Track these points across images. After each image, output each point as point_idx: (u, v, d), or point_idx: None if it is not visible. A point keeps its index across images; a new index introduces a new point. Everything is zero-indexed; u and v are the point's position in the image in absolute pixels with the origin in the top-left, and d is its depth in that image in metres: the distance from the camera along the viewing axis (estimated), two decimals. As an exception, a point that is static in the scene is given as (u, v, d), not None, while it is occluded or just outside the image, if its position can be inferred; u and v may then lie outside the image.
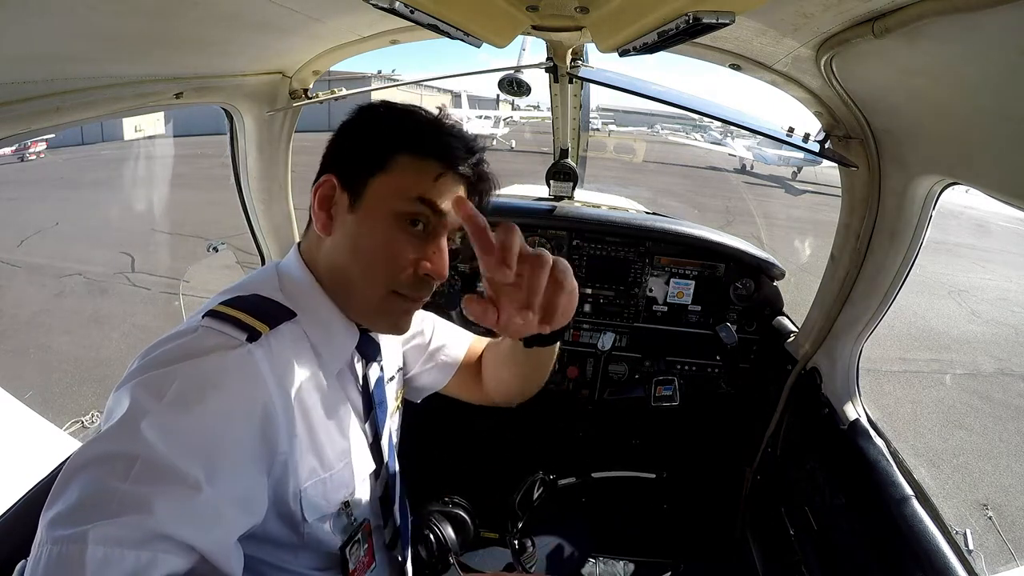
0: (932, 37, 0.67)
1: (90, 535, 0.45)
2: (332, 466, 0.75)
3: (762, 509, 1.69)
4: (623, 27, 0.80)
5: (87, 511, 0.47)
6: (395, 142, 0.73)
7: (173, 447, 0.52)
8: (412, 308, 0.79)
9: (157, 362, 0.60)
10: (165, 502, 0.49)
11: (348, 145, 0.77)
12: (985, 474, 4.27)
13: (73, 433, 3.28)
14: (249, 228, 1.61)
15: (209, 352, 0.61)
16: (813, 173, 19.23)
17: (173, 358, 0.60)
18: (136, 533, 0.47)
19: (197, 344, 0.62)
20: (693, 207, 13.14)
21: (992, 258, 11.31)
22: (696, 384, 1.88)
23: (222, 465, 0.56)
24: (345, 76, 12.31)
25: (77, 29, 0.71)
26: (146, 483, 0.50)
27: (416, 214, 0.73)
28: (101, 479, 0.50)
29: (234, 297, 0.71)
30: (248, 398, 0.61)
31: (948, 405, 5.25)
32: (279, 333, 0.69)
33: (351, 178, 0.74)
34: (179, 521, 0.50)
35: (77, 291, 6.43)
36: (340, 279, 0.76)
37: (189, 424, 0.55)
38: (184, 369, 0.58)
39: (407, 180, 0.72)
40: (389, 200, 0.72)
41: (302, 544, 0.74)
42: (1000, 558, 3.44)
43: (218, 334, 0.64)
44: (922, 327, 6.95)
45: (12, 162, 14.15)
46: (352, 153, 0.76)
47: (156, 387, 0.56)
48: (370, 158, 0.74)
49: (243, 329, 0.65)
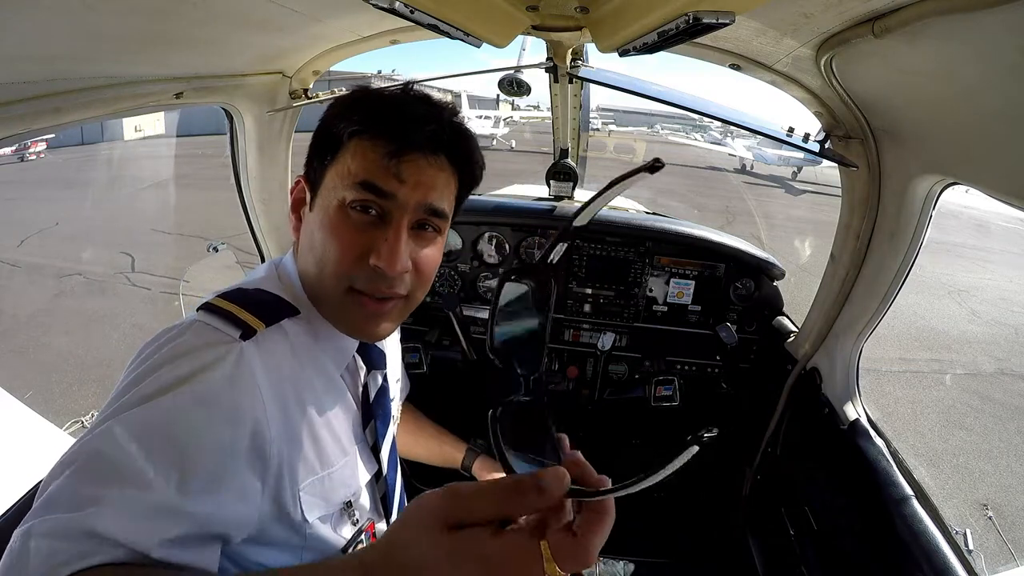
0: (932, 37, 0.67)
1: (32, 529, 0.46)
2: (331, 464, 0.73)
3: (762, 509, 1.69)
4: (623, 27, 0.81)
5: (40, 507, 0.48)
6: (345, 127, 0.68)
7: (138, 447, 0.51)
8: (379, 308, 0.70)
9: (147, 364, 0.58)
10: (110, 501, 0.48)
11: (313, 139, 0.73)
12: (985, 474, 4.27)
13: (73, 433, 3.27)
14: (249, 228, 1.62)
15: (197, 351, 0.59)
16: (813, 173, 19.23)
17: (162, 360, 0.58)
18: (67, 529, 0.46)
19: (188, 343, 0.60)
20: (693, 207, 13.14)
21: (992, 258, 11.31)
22: (696, 384, 1.88)
23: (196, 468, 0.53)
24: (345, 76, 12.30)
25: (77, 29, 0.71)
26: (100, 481, 0.49)
27: (362, 200, 0.66)
28: (58, 474, 0.50)
29: (233, 289, 0.69)
30: (234, 401, 0.59)
31: (948, 405, 5.25)
32: (277, 329, 0.67)
33: (312, 174, 0.71)
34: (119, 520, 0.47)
35: (77, 291, 6.43)
36: (310, 283, 0.72)
37: (161, 425, 0.53)
38: (169, 371, 0.57)
39: (352, 164, 0.66)
40: (336, 189, 0.67)
41: (305, 546, 0.72)
42: (1000, 558, 3.44)
43: (211, 331, 0.62)
44: (922, 327, 6.95)
45: (12, 162, 14.14)
46: (312, 148, 0.72)
47: (139, 388, 0.55)
48: (324, 148, 0.70)
49: (237, 325, 0.63)
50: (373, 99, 0.70)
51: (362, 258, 0.66)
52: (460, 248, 1.84)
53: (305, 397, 0.70)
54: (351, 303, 0.69)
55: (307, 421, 0.70)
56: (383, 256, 0.65)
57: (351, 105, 0.70)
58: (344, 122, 0.68)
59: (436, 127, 0.68)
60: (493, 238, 1.83)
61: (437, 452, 1.30)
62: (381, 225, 0.67)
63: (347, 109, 0.69)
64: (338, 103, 0.72)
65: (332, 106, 0.73)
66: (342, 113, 0.69)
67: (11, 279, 6.81)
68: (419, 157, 0.67)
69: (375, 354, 0.85)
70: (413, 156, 0.66)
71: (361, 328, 0.72)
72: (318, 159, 0.70)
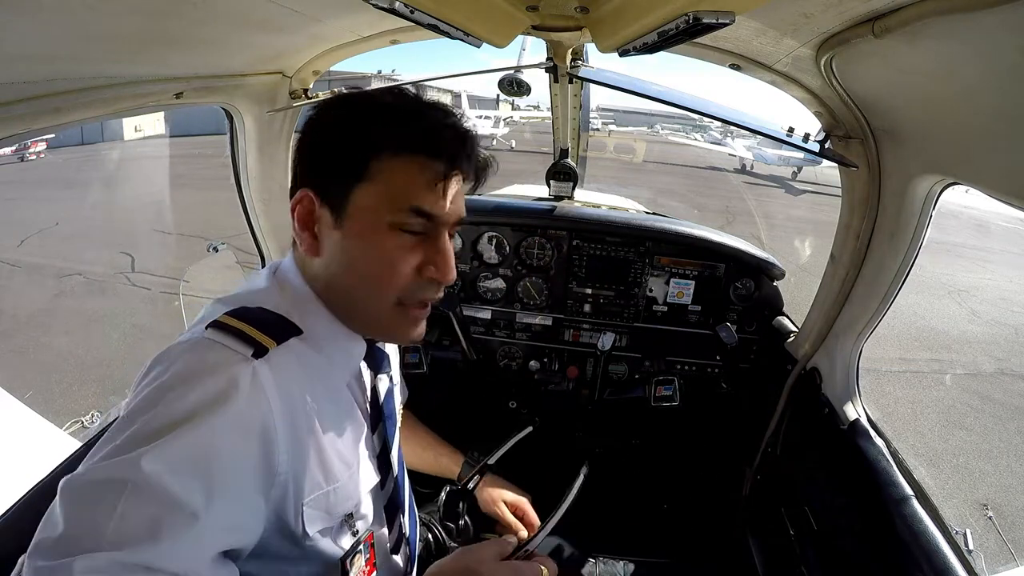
0: (932, 37, 0.67)
1: (75, 567, 0.45)
2: (337, 479, 0.73)
3: (762, 509, 1.69)
4: (623, 27, 0.81)
5: (74, 541, 0.46)
6: (372, 142, 0.65)
7: (174, 478, 0.51)
8: (423, 314, 0.75)
9: (162, 383, 0.57)
10: (155, 534, 0.48)
11: (320, 152, 0.69)
12: (985, 474, 4.27)
13: (73, 433, 3.28)
14: (249, 228, 1.61)
15: (214, 370, 0.58)
16: (813, 173, 19.23)
17: (179, 379, 0.57)
18: (119, 566, 0.46)
19: (202, 361, 0.59)
20: (693, 207, 13.14)
21: (992, 258, 11.31)
22: (696, 384, 1.88)
23: (219, 490, 0.54)
24: (345, 76, 12.31)
25: (77, 29, 0.71)
26: (136, 514, 0.48)
27: (411, 223, 0.67)
28: (90, 507, 0.49)
29: (240, 308, 0.67)
30: (250, 420, 0.59)
31: (948, 405, 5.25)
32: (286, 348, 0.65)
33: (329, 191, 0.67)
34: (168, 554, 0.48)
35: (77, 291, 6.43)
36: (342, 297, 0.72)
37: (192, 454, 0.53)
38: (189, 392, 0.56)
39: (395, 187, 0.65)
40: (378, 212, 0.66)
41: (303, 556, 0.72)
42: (1000, 558, 3.44)
43: (223, 348, 0.61)
44: (922, 327, 6.95)
45: (12, 162, 14.14)
46: (326, 161, 0.68)
47: (157, 411, 0.54)
48: (347, 166, 0.66)
49: (249, 344, 0.62)
50: (397, 108, 0.68)
51: (415, 273, 0.70)
52: (460, 248, 1.84)
53: (313, 412, 0.69)
54: (398, 314, 0.73)
55: (314, 437, 0.69)
56: (440, 269, 0.70)
57: (373, 115, 0.68)
58: (367, 134, 0.66)
59: (469, 143, 0.70)
60: (493, 238, 1.83)
61: (433, 462, 1.30)
62: (427, 239, 0.70)
63: (368, 118, 0.67)
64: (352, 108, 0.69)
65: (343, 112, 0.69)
66: (362, 123, 0.67)
67: (11, 279, 6.81)
68: (459, 175, 0.70)
69: (380, 357, 0.85)
70: (456, 175, 0.69)
71: (405, 334, 0.76)
72: (337, 177, 0.67)
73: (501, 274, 1.86)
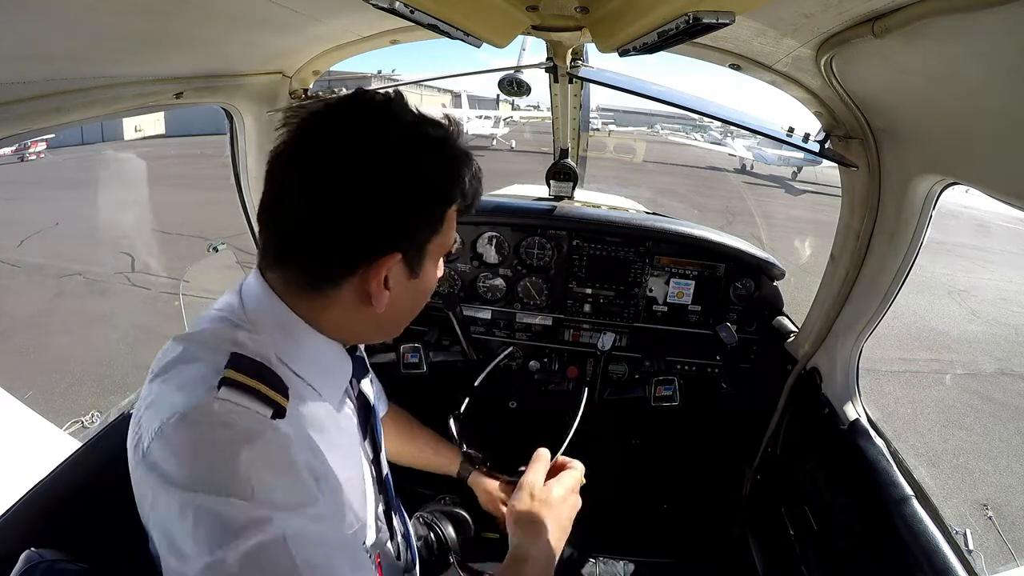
0: (932, 37, 0.67)
1: None
2: (359, 519, 0.74)
3: (762, 509, 1.69)
4: (623, 27, 0.81)
5: None
6: (445, 194, 0.69)
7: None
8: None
9: (204, 459, 0.55)
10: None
11: (400, 210, 0.65)
12: (985, 474, 4.27)
13: (73, 433, 3.27)
14: (249, 228, 1.61)
15: (254, 436, 0.57)
16: (813, 173, 19.24)
17: (222, 448, 0.55)
18: None
19: (235, 426, 0.57)
20: (693, 207, 13.15)
21: (992, 258, 11.32)
22: (696, 384, 1.88)
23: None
24: (345, 76, 12.30)
25: (77, 29, 0.71)
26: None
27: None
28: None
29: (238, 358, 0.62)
30: (293, 481, 0.59)
31: (948, 405, 5.26)
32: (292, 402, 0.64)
33: (410, 247, 0.67)
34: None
35: (77, 291, 6.43)
36: (355, 329, 0.73)
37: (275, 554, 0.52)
38: (249, 459, 0.55)
39: (449, 232, 0.72)
40: (436, 256, 0.72)
41: None
42: (1000, 558, 3.45)
43: (243, 411, 0.58)
44: (922, 327, 6.95)
45: (12, 162, 14.16)
46: (409, 221, 0.66)
47: (237, 488, 0.53)
48: (430, 222, 0.69)
49: (267, 404, 0.60)
50: (455, 162, 0.68)
51: None
52: (460, 248, 1.84)
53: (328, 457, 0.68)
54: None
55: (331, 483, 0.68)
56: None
57: (438, 166, 0.67)
58: (446, 192, 0.68)
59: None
60: (493, 238, 1.83)
61: (432, 460, 1.31)
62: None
63: (441, 175, 0.67)
64: (415, 161, 0.64)
65: (410, 167, 0.64)
66: (439, 180, 0.67)
67: (11, 279, 6.81)
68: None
69: (359, 363, 0.84)
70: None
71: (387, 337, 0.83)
72: (419, 233, 0.68)
73: (501, 274, 1.86)
